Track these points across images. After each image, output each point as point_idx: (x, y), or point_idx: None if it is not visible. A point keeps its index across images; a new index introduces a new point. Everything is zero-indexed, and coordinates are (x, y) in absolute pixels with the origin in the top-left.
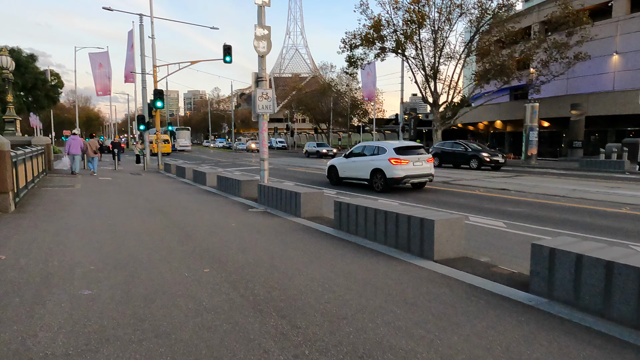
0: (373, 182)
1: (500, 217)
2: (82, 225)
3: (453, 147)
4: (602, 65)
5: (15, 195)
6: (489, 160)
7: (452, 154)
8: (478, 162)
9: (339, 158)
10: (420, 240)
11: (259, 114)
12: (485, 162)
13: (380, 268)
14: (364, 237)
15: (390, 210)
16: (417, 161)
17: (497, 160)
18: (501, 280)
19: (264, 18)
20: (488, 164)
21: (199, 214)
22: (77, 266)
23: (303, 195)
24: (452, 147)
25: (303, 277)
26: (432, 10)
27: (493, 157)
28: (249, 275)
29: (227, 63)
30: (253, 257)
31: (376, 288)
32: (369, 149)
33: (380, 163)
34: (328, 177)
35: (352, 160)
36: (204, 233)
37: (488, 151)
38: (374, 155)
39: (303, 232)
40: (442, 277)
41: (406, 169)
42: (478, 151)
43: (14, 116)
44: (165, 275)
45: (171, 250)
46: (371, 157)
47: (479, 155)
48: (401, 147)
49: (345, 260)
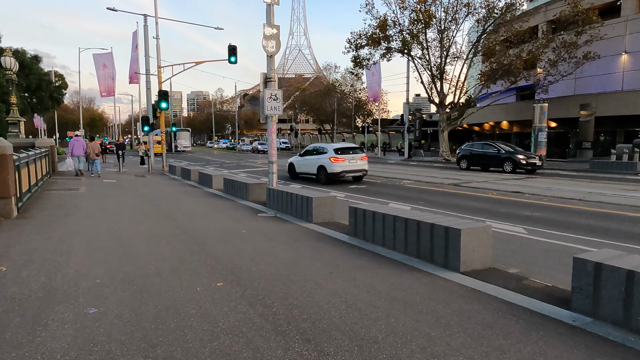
0: (319, 176)
1: (519, 223)
2: (86, 232)
3: (483, 149)
4: (610, 64)
5: (18, 200)
6: (526, 162)
7: (483, 155)
8: (513, 165)
9: (296, 157)
10: (444, 250)
11: (267, 115)
12: (521, 165)
13: (404, 281)
14: (381, 246)
15: (410, 218)
16: (352, 159)
17: (533, 162)
18: (537, 296)
19: (273, 17)
20: (524, 167)
21: (207, 219)
22: (82, 279)
23: (315, 200)
24: (482, 149)
25: (323, 291)
26: (439, 10)
27: (530, 160)
28: (265, 289)
29: (232, 63)
30: (267, 268)
31: (404, 305)
32: (317, 149)
33: (324, 161)
34: (288, 172)
35: (305, 159)
36: (214, 240)
37: (523, 153)
38: (320, 155)
39: (317, 239)
40: (472, 291)
41: (343, 165)
42: (512, 153)
43: (18, 117)
44: (176, 290)
45: (181, 261)
46: (317, 156)
47: (514, 158)
48: (340, 148)
49: (365, 273)
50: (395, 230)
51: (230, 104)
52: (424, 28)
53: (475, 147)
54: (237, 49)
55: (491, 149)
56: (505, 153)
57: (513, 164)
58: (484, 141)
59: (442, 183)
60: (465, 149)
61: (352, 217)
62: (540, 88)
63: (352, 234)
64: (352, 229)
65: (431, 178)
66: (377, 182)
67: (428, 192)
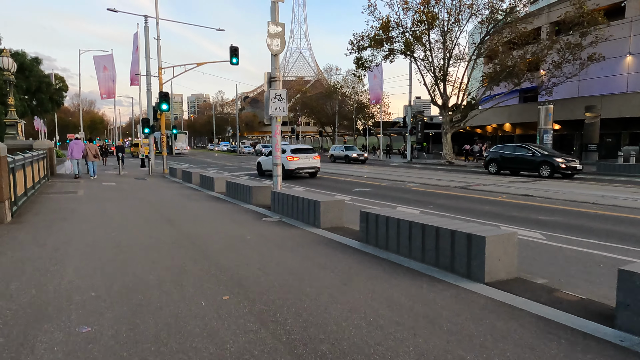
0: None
1: (535, 227)
2: (83, 239)
3: (516, 151)
4: (615, 66)
5: (13, 204)
6: (565, 166)
7: (515, 159)
8: (551, 169)
9: (263, 157)
10: (467, 259)
11: (272, 116)
12: (560, 168)
13: (426, 293)
14: (396, 253)
15: (428, 224)
16: (305, 158)
17: (574, 166)
18: (573, 311)
19: (278, 14)
20: (563, 171)
21: (210, 224)
22: (76, 292)
23: (323, 204)
24: (514, 151)
25: (340, 306)
26: (442, 11)
27: (570, 163)
28: (276, 303)
29: (233, 65)
30: (277, 278)
31: (430, 322)
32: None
33: (282, 159)
34: (257, 169)
35: (269, 158)
36: (218, 247)
37: (561, 155)
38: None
39: (326, 246)
40: (502, 305)
41: (297, 163)
42: (550, 156)
43: (15, 119)
44: (179, 305)
45: (183, 270)
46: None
47: (552, 161)
48: (295, 149)
49: (382, 284)
50: (412, 237)
51: (231, 106)
52: (427, 29)
53: (506, 149)
54: (239, 50)
55: (524, 151)
56: (541, 156)
57: (551, 167)
58: (515, 143)
59: (449, 186)
60: (494, 151)
61: (364, 222)
62: (544, 90)
63: (364, 240)
64: (364, 235)
65: (437, 181)
66: (383, 185)
67: (435, 195)
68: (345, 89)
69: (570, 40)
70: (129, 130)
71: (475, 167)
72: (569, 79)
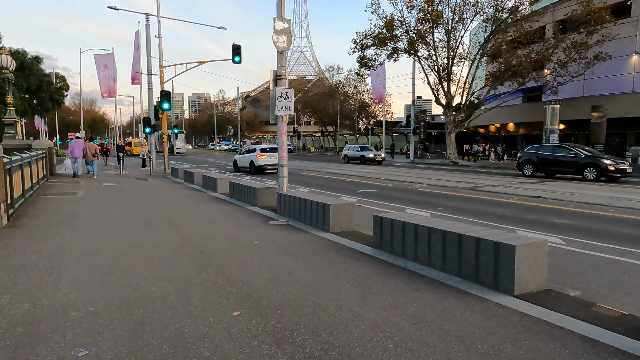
0: (250, 168)
1: (552, 232)
2: (82, 244)
3: (554, 152)
4: (620, 65)
5: (10, 207)
6: (614, 169)
7: (554, 160)
8: (597, 172)
9: (239, 155)
10: (493, 269)
11: (277, 115)
12: (609, 171)
13: (453, 308)
14: (413, 261)
15: (450, 230)
16: (272, 156)
17: (623, 169)
18: (618, 329)
19: (284, 10)
20: (611, 174)
21: (215, 227)
22: (73, 306)
23: (332, 207)
24: (552, 152)
25: (362, 323)
26: (446, 10)
27: (619, 165)
28: (291, 320)
29: (236, 63)
30: (289, 290)
31: (463, 343)
32: (250, 150)
33: (253, 157)
34: (233, 167)
35: (243, 156)
36: (224, 254)
37: (609, 157)
38: (251, 153)
39: (338, 252)
40: (538, 322)
41: (265, 160)
42: (595, 157)
43: (14, 118)
44: (185, 322)
45: (188, 281)
46: (250, 154)
47: (599, 163)
48: (264, 148)
49: (404, 296)
50: (431, 244)
51: (232, 105)
52: (432, 28)
53: (542, 149)
54: (241, 48)
55: (565, 152)
56: (585, 157)
57: (597, 170)
58: (554, 143)
59: (457, 187)
60: (529, 152)
61: (377, 227)
62: (550, 89)
63: (377, 246)
64: (377, 241)
65: (443, 182)
66: (388, 186)
67: (444, 196)
68: (347, 88)
69: (576, 39)
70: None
71: (480, 167)
72: (575, 78)
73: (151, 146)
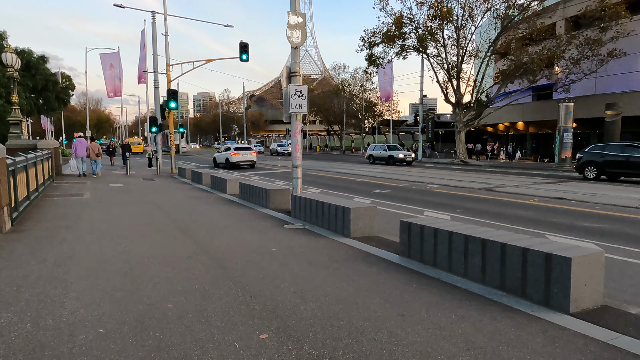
0: (226, 164)
1: (585, 237)
2: (89, 252)
3: (625, 152)
4: (634, 62)
5: (14, 210)
6: None
7: (625, 162)
8: None
9: (218, 153)
10: (544, 283)
11: (291, 113)
12: None
13: (505, 329)
14: (447, 271)
15: (489, 239)
16: (244, 154)
17: None
18: None
19: (298, 4)
20: None
21: (228, 232)
22: (80, 328)
23: (353, 211)
24: (622, 152)
25: (407, 350)
26: (456, 7)
27: None
28: (327, 346)
29: (243, 61)
30: (319, 307)
31: None
32: (227, 148)
33: (228, 155)
34: (213, 163)
35: (221, 153)
36: (241, 263)
37: None
38: (227, 151)
39: (364, 261)
40: (607, 348)
41: (238, 157)
42: None
43: (19, 118)
44: (207, 349)
45: (206, 296)
46: (226, 152)
47: None
48: (237, 147)
49: (446, 314)
50: (468, 254)
51: (237, 104)
52: (442, 25)
53: (609, 149)
54: (248, 46)
55: (637, 152)
56: None
57: None
58: (624, 142)
59: (472, 187)
60: (592, 152)
61: (405, 233)
62: (562, 87)
63: (405, 254)
64: (405, 249)
65: (457, 182)
66: (401, 187)
67: (460, 197)
68: (353, 86)
69: (589, 36)
70: (135, 129)
71: (492, 166)
72: (588, 75)
73: (158, 145)
